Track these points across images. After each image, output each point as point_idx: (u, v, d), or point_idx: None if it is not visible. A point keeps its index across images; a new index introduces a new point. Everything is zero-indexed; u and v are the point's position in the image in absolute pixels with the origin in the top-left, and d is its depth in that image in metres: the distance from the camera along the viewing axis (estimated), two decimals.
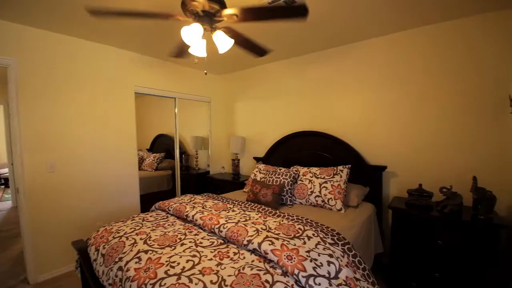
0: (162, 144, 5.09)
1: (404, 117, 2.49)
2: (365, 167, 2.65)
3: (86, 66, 2.69)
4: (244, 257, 1.34)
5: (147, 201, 3.35)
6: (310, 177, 2.46)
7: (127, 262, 1.35)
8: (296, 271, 1.18)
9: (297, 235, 1.50)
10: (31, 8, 2.01)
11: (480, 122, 2.13)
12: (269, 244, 1.35)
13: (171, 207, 2.09)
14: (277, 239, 1.41)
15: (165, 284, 1.13)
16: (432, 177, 2.35)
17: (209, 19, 1.60)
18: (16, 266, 2.77)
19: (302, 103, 3.24)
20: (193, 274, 1.18)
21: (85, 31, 2.47)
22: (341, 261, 1.37)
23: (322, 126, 3.04)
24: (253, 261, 1.30)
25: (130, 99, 3.07)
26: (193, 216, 1.85)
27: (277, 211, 1.98)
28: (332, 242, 1.52)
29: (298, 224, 1.63)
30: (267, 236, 1.43)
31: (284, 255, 1.27)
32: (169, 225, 1.83)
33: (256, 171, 2.98)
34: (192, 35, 1.47)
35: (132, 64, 3.07)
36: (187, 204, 2.08)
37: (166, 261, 1.30)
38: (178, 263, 1.27)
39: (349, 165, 2.49)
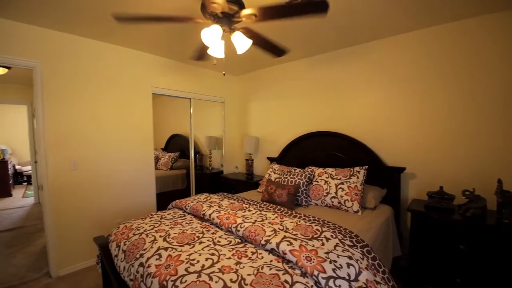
0: (176, 144, 5.19)
1: (425, 117, 2.42)
2: (382, 168, 2.59)
3: (106, 68, 2.78)
4: (262, 257, 1.34)
5: (162, 199, 3.42)
6: (326, 178, 2.44)
7: (148, 259, 1.39)
8: (315, 272, 1.18)
9: (315, 236, 1.49)
10: (57, 13, 2.10)
11: (507, 122, 2.04)
12: (288, 245, 1.34)
13: (188, 206, 2.13)
14: (295, 239, 1.41)
15: (186, 281, 1.15)
16: (454, 179, 2.27)
17: (228, 20, 1.62)
18: (39, 260, 2.89)
19: (316, 103, 3.22)
20: (212, 272, 1.20)
21: (106, 34, 2.56)
22: (361, 263, 1.35)
23: (337, 126, 3.00)
24: (271, 261, 1.31)
25: (148, 100, 3.15)
26: (210, 215, 1.87)
27: (293, 212, 1.98)
28: (351, 244, 1.50)
29: (315, 225, 1.62)
30: (284, 237, 1.43)
31: (303, 256, 1.26)
32: (186, 223, 1.86)
33: (271, 171, 2.98)
34: (212, 36, 1.49)
35: (150, 66, 3.15)
36: (203, 203, 2.11)
37: (186, 259, 1.32)
38: (198, 261, 1.29)
39: (366, 166, 2.45)
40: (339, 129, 2.96)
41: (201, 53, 1.98)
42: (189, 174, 4.62)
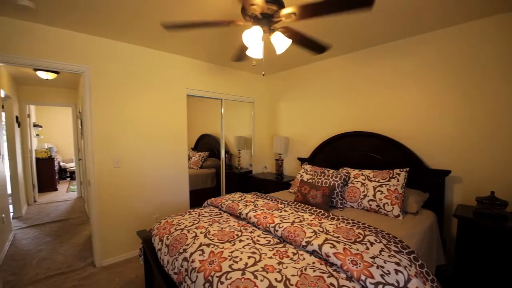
0: (205, 144, 5.32)
1: (474, 115, 2.24)
2: (424, 170, 2.45)
3: (146, 71, 2.93)
4: (304, 258, 1.33)
5: (193, 197, 3.53)
6: (363, 180, 2.36)
7: (192, 254, 1.43)
8: (363, 277, 1.14)
9: (358, 239, 1.44)
10: (106, 22, 2.26)
11: None
12: (331, 247, 1.32)
13: (223, 204, 2.17)
14: (338, 242, 1.37)
15: (230, 278, 1.18)
16: (506, 184, 2.08)
17: (267, 20, 1.63)
18: (84, 250, 3.11)
19: (349, 102, 3.12)
20: (256, 270, 1.21)
21: (148, 40, 2.71)
22: (409, 270, 1.29)
23: (372, 126, 2.89)
24: (313, 262, 1.29)
25: (183, 102, 3.27)
26: (246, 214, 1.89)
27: (330, 214, 1.93)
28: (397, 249, 1.43)
29: (357, 228, 1.57)
30: (326, 239, 1.40)
31: (348, 260, 1.23)
32: (224, 221, 1.90)
33: (303, 172, 2.94)
34: (253, 37, 1.50)
35: (185, 68, 3.27)
36: (239, 202, 2.14)
37: (229, 256, 1.35)
38: (241, 259, 1.31)
39: (407, 169, 2.33)
40: (374, 129, 2.84)
41: (241, 54, 2.01)
42: (218, 173, 4.72)
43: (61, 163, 7.53)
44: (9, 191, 3.91)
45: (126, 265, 2.74)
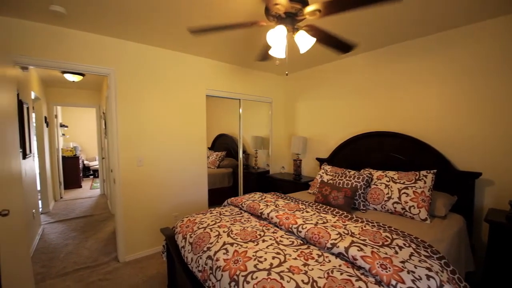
0: (222, 144, 5.37)
1: (506, 114, 2.11)
2: (451, 172, 2.34)
3: (168, 73, 3.00)
4: (330, 260, 1.31)
5: (211, 196, 3.57)
6: (387, 181, 2.29)
7: (216, 252, 1.45)
8: (393, 282, 1.10)
9: (385, 243, 1.40)
10: (131, 26, 2.34)
11: None
12: (358, 250, 1.28)
13: (244, 204, 2.18)
14: (365, 245, 1.34)
15: (256, 277, 1.17)
16: None
17: (291, 19, 1.62)
18: (108, 246, 3.22)
19: (371, 102, 3.04)
20: (282, 271, 1.20)
21: (171, 43, 2.77)
22: (441, 276, 1.23)
23: (395, 126, 2.80)
24: (340, 265, 1.26)
25: (202, 102, 3.31)
26: (268, 214, 1.89)
27: (353, 216, 1.89)
28: (427, 254, 1.37)
29: (384, 232, 1.53)
30: (353, 241, 1.37)
31: (377, 263, 1.19)
32: (245, 220, 1.90)
33: (322, 173, 2.89)
34: (277, 37, 1.49)
35: (205, 69, 3.32)
36: (259, 202, 2.14)
37: (253, 256, 1.35)
38: (265, 259, 1.31)
39: (435, 170, 2.23)
40: (397, 129, 2.75)
41: (265, 54, 2.01)
42: (235, 173, 4.74)
43: (85, 162, 7.86)
44: (38, 187, 4.12)
45: (148, 261, 2.81)
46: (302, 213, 1.89)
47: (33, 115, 3.96)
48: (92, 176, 7.88)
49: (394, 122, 2.82)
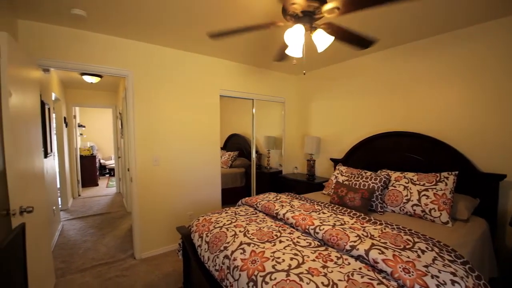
0: (234, 144, 5.40)
1: None
2: (473, 174, 2.25)
3: (183, 74, 3.04)
4: (349, 263, 1.28)
5: (224, 196, 3.58)
6: (405, 183, 2.22)
7: (233, 252, 1.45)
8: (417, 286, 1.07)
9: (407, 246, 1.36)
10: (149, 28, 2.38)
11: None
12: (379, 253, 1.26)
13: (259, 204, 2.18)
14: (386, 248, 1.31)
15: (275, 278, 1.17)
16: None
17: (309, 18, 1.60)
18: (124, 243, 3.30)
19: (387, 101, 2.96)
20: (301, 273, 1.19)
21: (188, 44, 2.81)
22: (466, 282, 1.19)
23: (414, 126, 2.71)
24: (360, 268, 1.24)
25: (216, 103, 3.34)
26: (283, 214, 1.88)
27: (371, 218, 1.85)
28: (451, 259, 1.33)
29: (404, 235, 1.49)
30: (373, 244, 1.34)
31: (400, 267, 1.16)
32: (260, 220, 1.90)
33: (337, 173, 2.85)
34: (295, 36, 1.48)
35: (219, 70, 3.34)
36: (274, 202, 2.13)
37: (271, 256, 1.34)
38: (283, 260, 1.30)
39: (456, 172, 2.16)
40: (415, 129, 2.67)
41: (282, 54, 2.00)
42: (247, 173, 4.75)
43: (101, 161, 8.08)
44: (57, 185, 4.27)
45: (163, 259, 2.86)
46: (319, 214, 1.87)
47: (53, 115, 4.11)
48: (108, 175, 8.09)
49: (412, 121, 2.75)
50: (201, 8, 1.99)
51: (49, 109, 3.45)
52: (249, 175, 4.52)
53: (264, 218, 1.97)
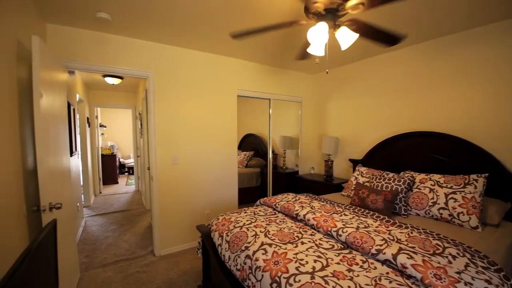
0: (250, 143, 5.40)
1: None
2: (504, 177, 2.12)
3: (202, 74, 3.07)
4: (376, 267, 1.24)
5: (239, 195, 3.59)
6: (431, 185, 2.13)
7: (254, 252, 1.45)
8: None
9: (437, 251, 1.30)
10: (170, 30, 2.42)
11: None
12: (408, 258, 1.21)
13: (278, 204, 2.16)
14: (415, 253, 1.25)
15: (299, 280, 1.15)
16: None
17: (332, 15, 1.56)
18: (144, 239, 3.38)
19: (410, 100, 2.85)
20: (326, 276, 1.17)
21: (207, 45, 2.83)
22: None
23: (439, 126, 2.59)
24: (387, 273, 1.19)
25: (234, 103, 3.35)
26: (304, 215, 1.85)
27: (396, 221, 1.79)
28: (484, 265, 1.26)
29: (433, 239, 1.42)
30: (401, 248, 1.30)
31: (430, 273, 1.11)
32: (280, 221, 1.89)
33: (357, 174, 2.78)
34: (319, 34, 1.45)
35: (237, 70, 3.35)
36: (294, 203, 2.11)
37: (294, 258, 1.32)
38: (307, 262, 1.28)
39: (486, 174, 2.05)
40: (441, 129, 2.56)
41: (305, 53, 1.97)
42: (262, 173, 4.74)
43: (121, 159, 8.33)
44: (81, 182, 4.44)
45: (182, 256, 2.90)
46: (340, 216, 1.83)
47: (77, 116, 4.27)
48: (126, 173, 8.34)
49: (437, 121, 2.63)
50: (223, 9, 2.00)
51: (74, 109, 3.59)
52: (265, 175, 4.51)
53: (284, 218, 1.95)
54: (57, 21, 2.24)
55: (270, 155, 3.97)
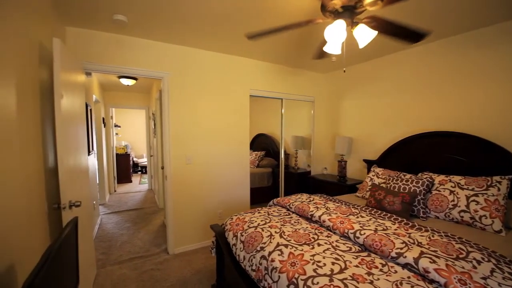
0: (261, 143, 5.40)
1: None
2: None
3: (216, 74, 3.09)
4: (396, 271, 1.21)
5: (251, 195, 3.58)
6: (451, 187, 2.06)
7: (270, 253, 1.44)
8: None
9: (460, 256, 1.25)
10: (185, 32, 2.46)
11: None
12: (430, 262, 1.17)
13: (292, 205, 2.14)
14: (438, 257, 1.21)
15: (317, 283, 1.13)
16: None
17: (349, 13, 1.53)
18: (157, 238, 3.43)
19: (426, 99, 2.75)
20: (345, 278, 1.14)
21: (222, 46, 2.85)
22: None
23: (458, 125, 2.50)
24: (409, 277, 1.16)
25: (246, 103, 3.35)
26: (319, 216, 1.83)
27: (415, 223, 1.73)
28: (510, 271, 1.20)
29: (456, 243, 1.37)
30: (422, 252, 1.26)
31: (455, 278, 1.07)
32: (295, 222, 1.87)
33: (373, 175, 2.73)
34: (336, 32, 1.43)
35: (249, 70, 3.35)
36: (308, 204, 2.09)
37: (311, 259, 1.31)
38: (324, 264, 1.26)
39: (510, 176, 1.96)
40: (458, 129, 2.47)
41: (322, 52, 1.94)
42: (274, 173, 4.73)
43: (134, 159, 8.50)
44: (97, 181, 4.56)
45: (194, 255, 2.93)
46: (357, 217, 1.79)
47: (94, 116, 4.39)
48: (139, 172, 8.50)
49: (455, 120, 2.53)
50: (239, 10, 2.00)
51: (90, 110, 3.69)
52: (276, 175, 4.49)
53: (298, 219, 1.93)
54: (76, 24, 2.31)
55: (282, 155, 3.95)
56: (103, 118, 5.22)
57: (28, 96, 1.45)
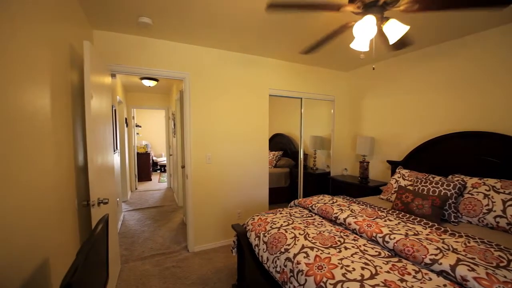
0: (278, 143, 5.35)
1: None
2: None
3: (235, 74, 3.10)
4: (430, 278, 1.15)
5: (268, 195, 3.56)
6: (486, 190, 1.94)
7: (295, 255, 1.41)
8: None
9: (501, 264, 1.17)
10: (208, 33, 2.49)
11: None
12: (469, 270, 1.10)
13: (314, 206, 2.10)
14: (476, 265, 1.14)
15: None
16: None
17: (380, 8, 1.47)
18: (178, 235, 3.49)
19: (455, 98, 2.61)
20: (377, 285, 1.10)
21: (242, 46, 2.85)
22: None
23: (489, 125, 2.34)
24: (445, 285, 1.10)
25: (265, 103, 3.33)
26: (344, 219, 1.78)
27: (448, 229, 1.64)
28: None
29: (495, 251, 1.29)
30: (459, 259, 1.18)
31: None
32: (318, 224, 1.83)
33: (398, 177, 2.62)
34: (366, 28, 1.38)
35: (269, 69, 3.33)
36: (332, 205, 2.04)
37: (339, 263, 1.27)
38: (353, 269, 1.22)
39: None
40: (491, 128, 2.32)
41: (313, 47, 1.91)
42: (291, 173, 4.68)
43: (153, 158, 8.73)
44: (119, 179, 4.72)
45: (214, 254, 2.95)
46: (385, 221, 1.73)
47: (118, 116, 4.54)
48: (159, 171, 8.72)
49: (488, 120, 2.38)
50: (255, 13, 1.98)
51: (115, 110, 3.82)
52: (294, 175, 4.44)
53: (322, 221, 1.89)
54: (102, 27, 2.39)
55: (301, 155, 3.90)
56: (126, 118, 5.39)
57: (61, 97, 1.51)
